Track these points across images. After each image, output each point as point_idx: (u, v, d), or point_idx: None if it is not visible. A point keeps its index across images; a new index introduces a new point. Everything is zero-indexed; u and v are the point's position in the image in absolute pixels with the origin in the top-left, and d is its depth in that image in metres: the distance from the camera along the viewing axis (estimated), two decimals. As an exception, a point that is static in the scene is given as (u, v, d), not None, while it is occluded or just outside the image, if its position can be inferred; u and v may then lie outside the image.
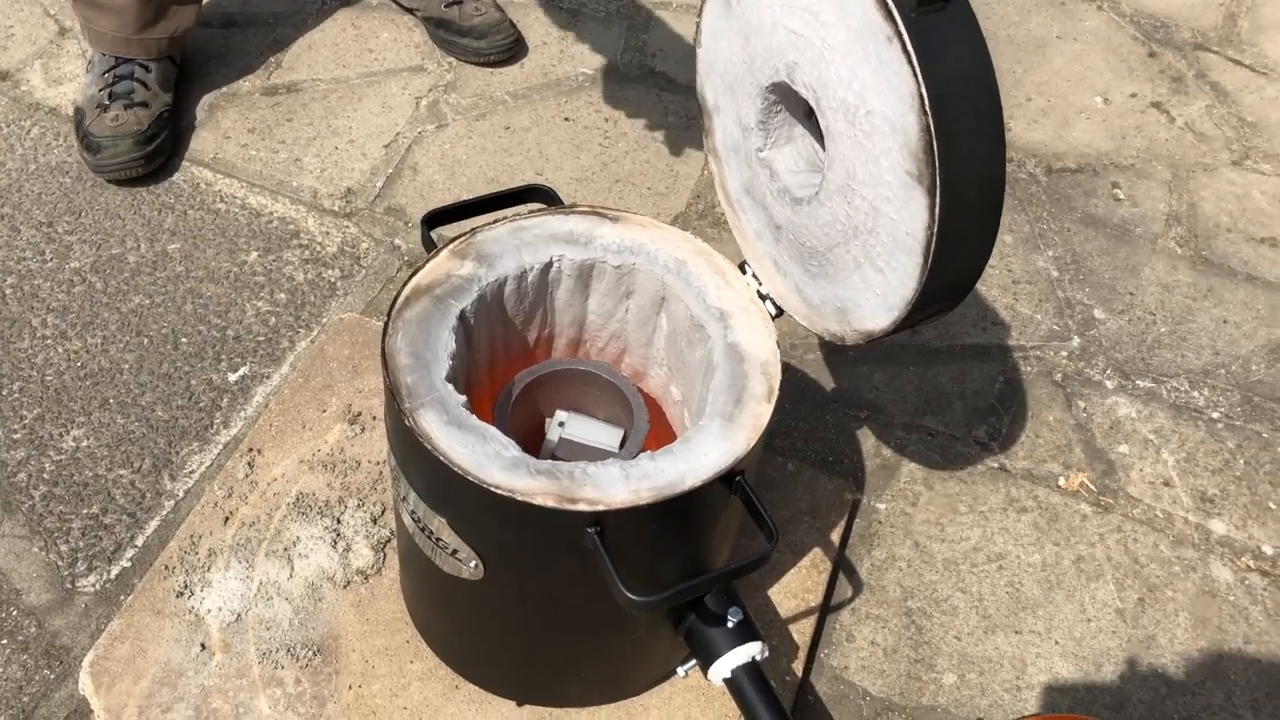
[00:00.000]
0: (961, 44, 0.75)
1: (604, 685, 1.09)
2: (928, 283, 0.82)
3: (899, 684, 1.20)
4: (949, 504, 1.36)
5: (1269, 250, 1.72)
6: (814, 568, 1.24)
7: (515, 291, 1.00)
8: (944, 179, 0.76)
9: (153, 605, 1.15)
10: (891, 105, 0.77)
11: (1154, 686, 1.22)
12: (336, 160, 1.70)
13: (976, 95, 0.76)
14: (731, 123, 1.01)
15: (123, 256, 1.54)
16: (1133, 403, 1.49)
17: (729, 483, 0.87)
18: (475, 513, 0.87)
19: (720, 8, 0.96)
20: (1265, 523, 1.38)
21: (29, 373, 1.40)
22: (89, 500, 1.28)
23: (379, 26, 1.95)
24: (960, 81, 0.75)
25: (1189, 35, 2.11)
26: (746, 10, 0.92)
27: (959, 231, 0.79)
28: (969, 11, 0.76)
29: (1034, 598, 1.28)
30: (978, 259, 0.84)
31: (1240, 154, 1.88)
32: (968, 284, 0.87)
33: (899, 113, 0.77)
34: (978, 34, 0.76)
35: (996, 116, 0.76)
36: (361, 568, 1.19)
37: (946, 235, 0.79)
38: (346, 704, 1.09)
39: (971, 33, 0.76)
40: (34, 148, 1.68)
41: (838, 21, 0.81)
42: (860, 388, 1.47)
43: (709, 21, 0.98)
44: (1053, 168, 1.82)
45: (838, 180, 0.86)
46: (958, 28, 0.75)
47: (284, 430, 1.31)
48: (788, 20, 0.87)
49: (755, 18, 0.91)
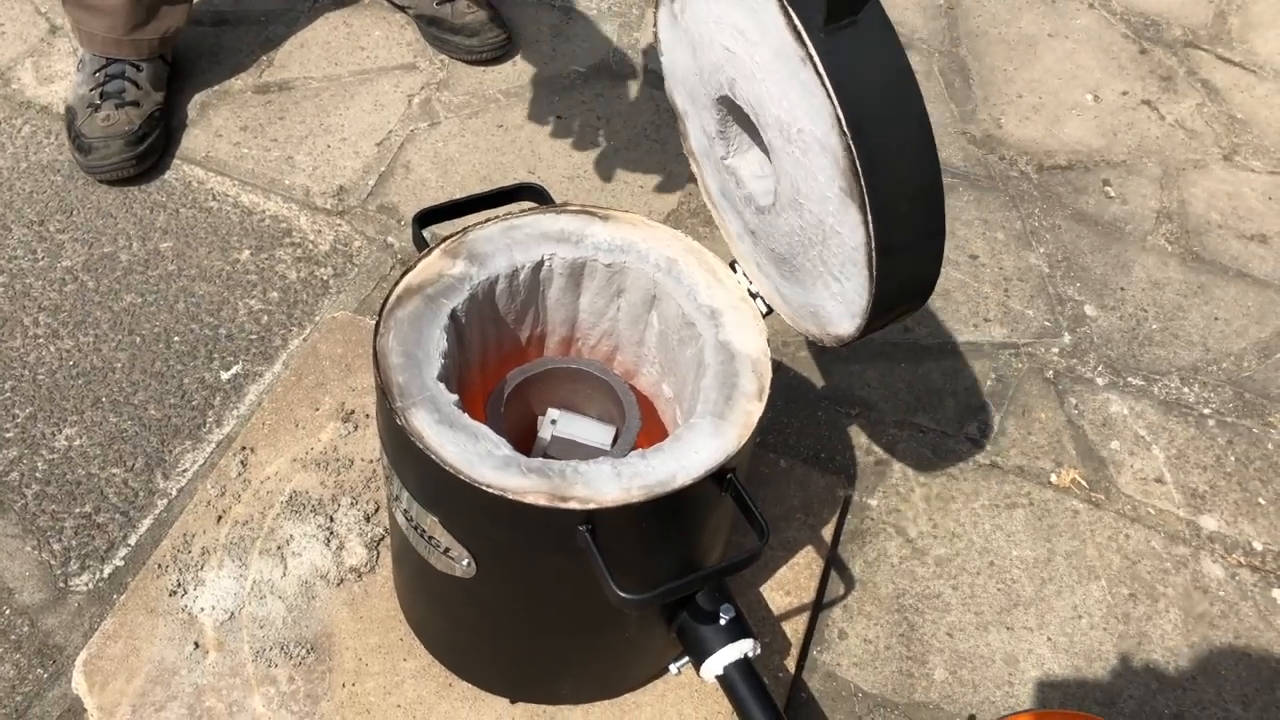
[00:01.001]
0: (877, 58, 0.74)
1: (597, 683, 1.10)
2: (879, 293, 0.82)
3: (891, 681, 1.20)
4: (941, 501, 1.36)
5: (1259, 247, 1.72)
6: (806, 565, 1.24)
7: (507, 290, 1.00)
8: (873, 195, 0.76)
9: (146, 604, 1.15)
10: (817, 124, 0.77)
11: (1145, 682, 1.23)
12: (329, 158, 1.70)
13: (898, 109, 0.74)
14: (698, 129, 1.01)
15: (115, 255, 1.54)
16: (1124, 399, 1.50)
17: (720, 480, 0.87)
18: (467, 511, 0.87)
19: (668, 19, 0.96)
20: (1256, 519, 1.38)
21: (21, 371, 1.39)
22: (82, 499, 1.28)
23: (371, 24, 1.94)
24: (879, 98, 0.74)
25: (1179, 33, 2.12)
26: (690, 24, 0.92)
27: (898, 244, 0.79)
28: (882, 22, 0.74)
29: (1026, 594, 1.28)
30: (926, 266, 0.84)
31: (1230, 151, 1.88)
32: (924, 289, 0.86)
33: (824, 131, 0.76)
34: (894, 46, 0.74)
35: (922, 128, 0.75)
36: (355, 566, 1.19)
37: (886, 249, 0.79)
38: (340, 702, 1.10)
39: (887, 46, 0.74)
40: (25, 146, 1.68)
41: (761, 40, 0.80)
42: (852, 385, 1.48)
43: (662, 33, 0.98)
44: (1044, 165, 1.83)
45: (787, 194, 0.86)
46: (871, 42, 0.74)
47: (277, 429, 1.31)
48: (721, 37, 0.87)
49: (697, 32, 0.91)
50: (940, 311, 1.58)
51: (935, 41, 2.04)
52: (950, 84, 1.96)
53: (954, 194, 1.75)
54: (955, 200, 1.74)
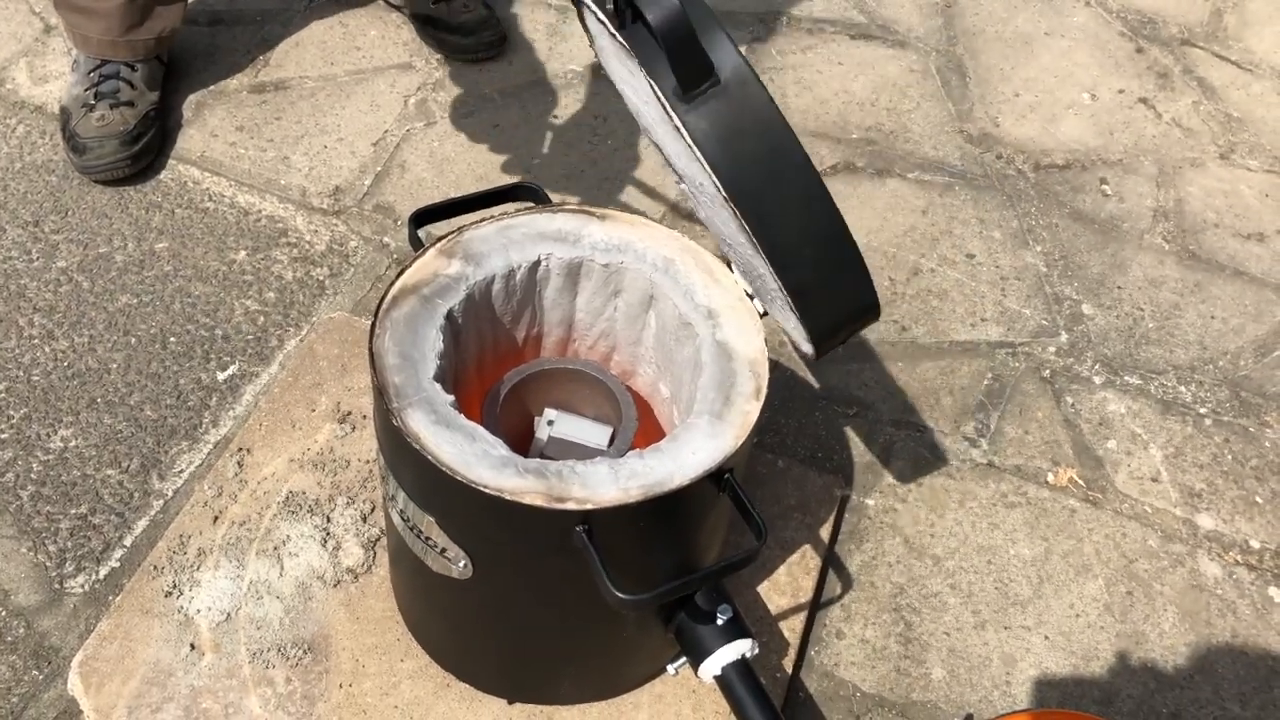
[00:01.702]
0: (746, 117, 0.73)
1: (594, 683, 1.10)
2: (812, 326, 0.83)
3: (889, 680, 1.20)
4: (938, 500, 1.36)
5: (1255, 246, 1.72)
6: (804, 564, 1.24)
7: (503, 290, 1.00)
8: (769, 247, 0.76)
9: (142, 605, 1.15)
10: (707, 182, 0.77)
11: (1142, 681, 1.23)
12: (325, 158, 1.70)
13: (776, 163, 0.74)
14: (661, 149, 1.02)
15: (110, 255, 1.53)
16: (1121, 398, 1.50)
17: (718, 481, 0.87)
18: (464, 512, 0.87)
19: (601, 57, 0.96)
20: (1252, 517, 1.38)
21: (16, 372, 1.39)
22: (77, 500, 1.28)
23: (367, 24, 1.94)
24: (754, 153, 0.74)
25: (1176, 31, 2.12)
26: (609, 67, 0.93)
27: (810, 284, 0.79)
28: (747, 80, 0.73)
29: (1023, 593, 1.28)
30: (855, 295, 0.82)
31: (1226, 149, 1.89)
32: (864, 311, 0.85)
33: (713, 190, 0.76)
34: (763, 102, 0.73)
35: (805, 175, 0.74)
36: (351, 566, 1.19)
37: (799, 291, 0.79)
38: (337, 703, 1.09)
39: (754, 104, 0.73)
40: (20, 146, 1.67)
41: (649, 99, 0.80)
42: (849, 384, 1.48)
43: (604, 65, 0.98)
44: (1040, 164, 1.83)
45: (721, 235, 0.87)
46: (738, 102, 0.73)
47: (273, 429, 1.30)
48: (625, 89, 0.86)
49: (614, 76, 0.91)
50: (937, 311, 1.58)
51: (932, 40, 2.04)
52: (947, 82, 1.96)
53: (950, 193, 1.75)
54: (952, 199, 1.74)
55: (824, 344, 0.87)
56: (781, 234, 0.77)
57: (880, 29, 2.06)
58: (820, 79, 1.94)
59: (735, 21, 2.03)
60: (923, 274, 1.62)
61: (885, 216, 1.70)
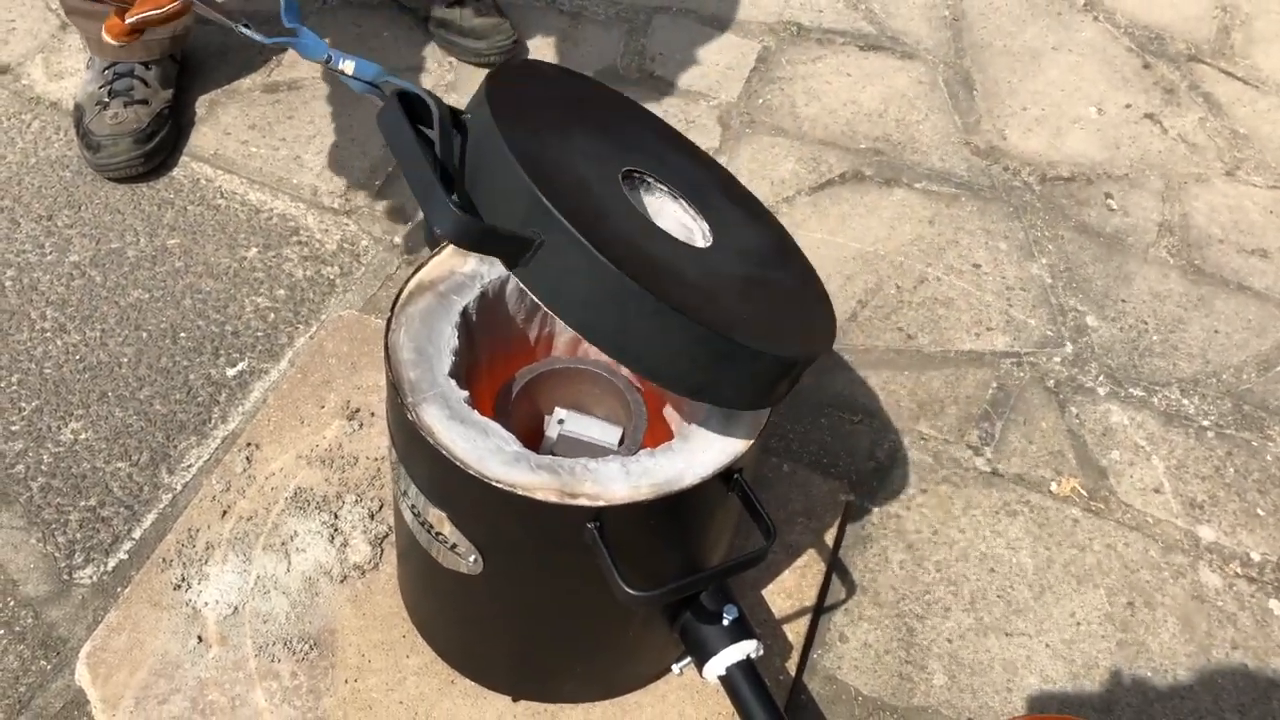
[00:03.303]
0: (576, 268, 0.74)
1: (599, 682, 1.10)
2: (735, 404, 0.83)
3: (891, 685, 1.21)
4: (942, 507, 1.37)
5: (1260, 261, 1.73)
6: (808, 568, 1.25)
7: (517, 289, 1.01)
8: (643, 369, 0.78)
9: (150, 597, 1.16)
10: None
11: (1143, 690, 1.23)
12: (337, 158, 1.71)
13: (616, 303, 0.74)
14: None
15: (122, 251, 1.54)
16: (1124, 410, 1.51)
17: (727, 480, 0.88)
18: (476, 507, 0.87)
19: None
20: (1254, 530, 1.39)
21: (28, 365, 1.40)
22: (87, 493, 1.29)
23: (380, 26, 1.95)
24: (592, 297, 0.75)
25: (1183, 47, 2.13)
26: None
27: (706, 381, 0.79)
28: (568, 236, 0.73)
29: (1025, 601, 1.29)
30: (763, 370, 0.81)
31: (1232, 165, 1.90)
32: (786, 373, 0.84)
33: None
34: (587, 254, 0.73)
35: (646, 305, 0.74)
36: (359, 563, 1.20)
37: (697, 390, 0.80)
38: (343, 697, 1.10)
39: (577, 253, 0.73)
40: (34, 141, 1.68)
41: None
42: (855, 392, 1.49)
43: None
44: (1047, 176, 1.84)
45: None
46: (562, 253, 0.74)
47: (282, 425, 1.31)
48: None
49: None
50: (943, 319, 1.58)
51: (940, 53, 2.06)
52: (955, 95, 1.97)
53: (957, 204, 1.77)
54: (959, 210, 1.76)
55: (761, 405, 0.86)
56: (646, 358, 0.78)
57: (889, 41, 2.07)
58: (829, 89, 1.95)
59: (745, 31, 2.05)
60: (929, 283, 1.63)
61: (892, 226, 1.71)
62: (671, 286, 0.77)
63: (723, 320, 0.78)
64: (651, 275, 0.76)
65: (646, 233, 0.82)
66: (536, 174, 0.75)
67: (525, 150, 0.77)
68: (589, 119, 0.91)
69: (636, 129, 0.97)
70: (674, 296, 0.75)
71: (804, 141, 1.84)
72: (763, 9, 2.10)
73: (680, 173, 0.95)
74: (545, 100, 0.89)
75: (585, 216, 0.75)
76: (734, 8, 2.10)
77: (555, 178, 0.77)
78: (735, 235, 0.92)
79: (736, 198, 0.99)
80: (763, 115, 1.88)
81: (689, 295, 0.78)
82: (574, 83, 0.96)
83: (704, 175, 0.98)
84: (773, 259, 0.94)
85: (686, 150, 1.00)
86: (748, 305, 0.84)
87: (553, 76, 0.95)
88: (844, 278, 1.63)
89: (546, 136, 0.83)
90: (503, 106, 0.80)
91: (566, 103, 0.91)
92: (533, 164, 0.76)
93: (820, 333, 0.88)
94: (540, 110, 0.86)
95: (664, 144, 0.98)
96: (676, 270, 0.80)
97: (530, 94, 0.88)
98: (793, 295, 0.91)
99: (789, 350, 0.81)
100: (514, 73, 0.89)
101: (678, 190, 0.92)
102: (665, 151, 0.96)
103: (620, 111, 0.97)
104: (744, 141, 1.83)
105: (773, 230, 0.98)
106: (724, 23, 2.06)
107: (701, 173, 0.98)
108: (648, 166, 0.91)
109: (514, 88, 0.85)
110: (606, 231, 0.76)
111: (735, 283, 0.85)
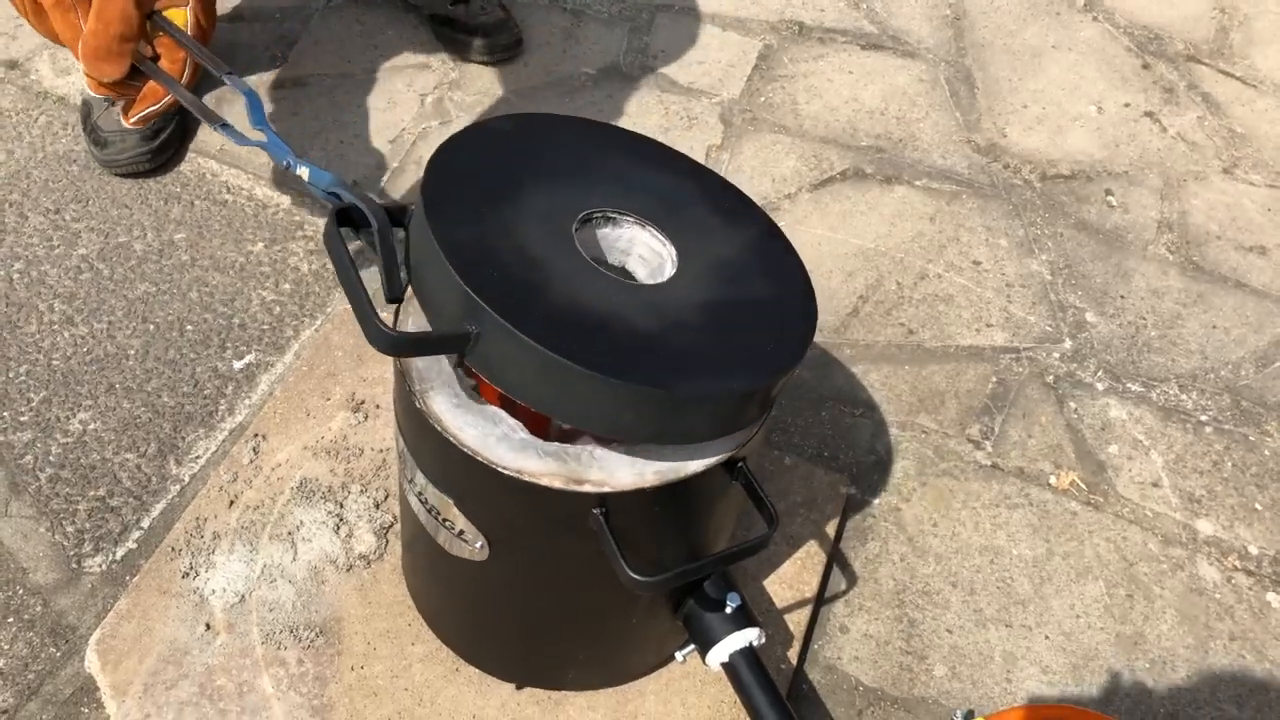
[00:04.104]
0: (511, 354, 0.78)
1: (602, 669, 1.11)
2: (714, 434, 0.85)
3: (891, 675, 1.22)
4: (942, 500, 1.38)
5: (1257, 258, 1.75)
6: (809, 559, 1.26)
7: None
8: (601, 430, 0.81)
9: (159, 585, 1.17)
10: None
11: (1141, 681, 1.24)
12: (342, 154, 1.72)
13: (554, 378, 0.77)
14: None
15: (129, 245, 1.56)
16: (1123, 404, 1.52)
17: (731, 469, 0.89)
18: (483, 493, 0.89)
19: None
20: (1251, 524, 1.40)
21: (36, 356, 1.41)
22: (95, 483, 1.30)
23: (384, 24, 1.97)
24: (537, 378, 0.78)
25: (1182, 47, 2.15)
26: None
27: (668, 428, 0.81)
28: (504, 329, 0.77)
29: (1025, 593, 1.30)
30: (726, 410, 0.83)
31: (1230, 164, 1.91)
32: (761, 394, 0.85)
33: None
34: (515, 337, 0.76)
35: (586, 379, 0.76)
36: (364, 552, 1.21)
37: (660, 436, 0.82)
38: (349, 684, 1.11)
39: (511, 340, 0.77)
40: (42, 136, 1.69)
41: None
42: (856, 386, 1.50)
43: None
44: (1047, 174, 1.85)
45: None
46: (500, 339, 0.77)
47: (288, 417, 1.33)
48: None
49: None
50: (944, 315, 1.60)
51: (941, 51, 2.07)
52: (956, 93, 1.98)
53: (958, 201, 1.78)
54: (959, 207, 1.77)
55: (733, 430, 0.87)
56: (596, 421, 0.80)
57: (891, 39, 2.08)
58: (831, 87, 1.96)
59: (747, 30, 2.06)
60: (930, 279, 1.65)
61: (893, 223, 1.73)
62: (608, 346, 0.78)
63: (666, 368, 0.79)
64: (586, 341, 0.78)
65: (591, 287, 0.83)
66: (468, 267, 0.78)
67: (458, 241, 0.80)
68: (547, 169, 0.92)
69: (609, 159, 0.96)
70: (607, 361, 0.77)
71: (805, 139, 1.85)
72: (765, 7, 2.12)
73: (654, 195, 0.94)
74: (495, 165, 0.90)
75: (518, 298, 0.78)
76: (736, 6, 2.11)
77: (490, 263, 0.80)
78: (710, 251, 0.91)
79: (721, 206, 0.97)
80: (765, 113, 1.90)
81: (628, 350, 0.79)
82: (536, 130, 0.96)
83: (686, 189, 0.97)
84: (748, 268, 0.92)
85: (670, 165, 0.99)
86: (702, 338, 0.84)
87: (508, 131, 0.95)
88: (845, 274, 1.64)
89: (489, 211, 0.85)
90: (438, 198, 0.83)
91: (523, 157, 0.92)
92: (465, 257, 0.79)
93: (793, 342, 0.87)
94: (488, 178, 0.88)
95: (641, 166, 0.97)
96: (621, 320, 0.81)
97: (479, 162, 0.89)
98: (764, 307, 0.89)
99: (742, 381, 0.81)
100: (461, 143, 0.90)
101: (646, 218, 0.91)
102: (641, 174, 0.96)
103: (592, 144, 0.97)
104: (746, 139, 1.84)
105: (757, 233, 0.96)
106: (726, 21, 2.08)
107: (683, 187, 0.97)
108: (613, 200, 0.91)
109: (459, 163, 0.88)
110: (541, 305, 0.79)
111: (693, 313, 0.85)
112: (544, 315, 0.78)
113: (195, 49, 1.10)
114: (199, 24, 1.12)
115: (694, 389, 0.79)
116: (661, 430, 0.81)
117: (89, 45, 1.09)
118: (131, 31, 1.09)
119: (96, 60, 1.10)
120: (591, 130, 1.00)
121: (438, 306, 0.82)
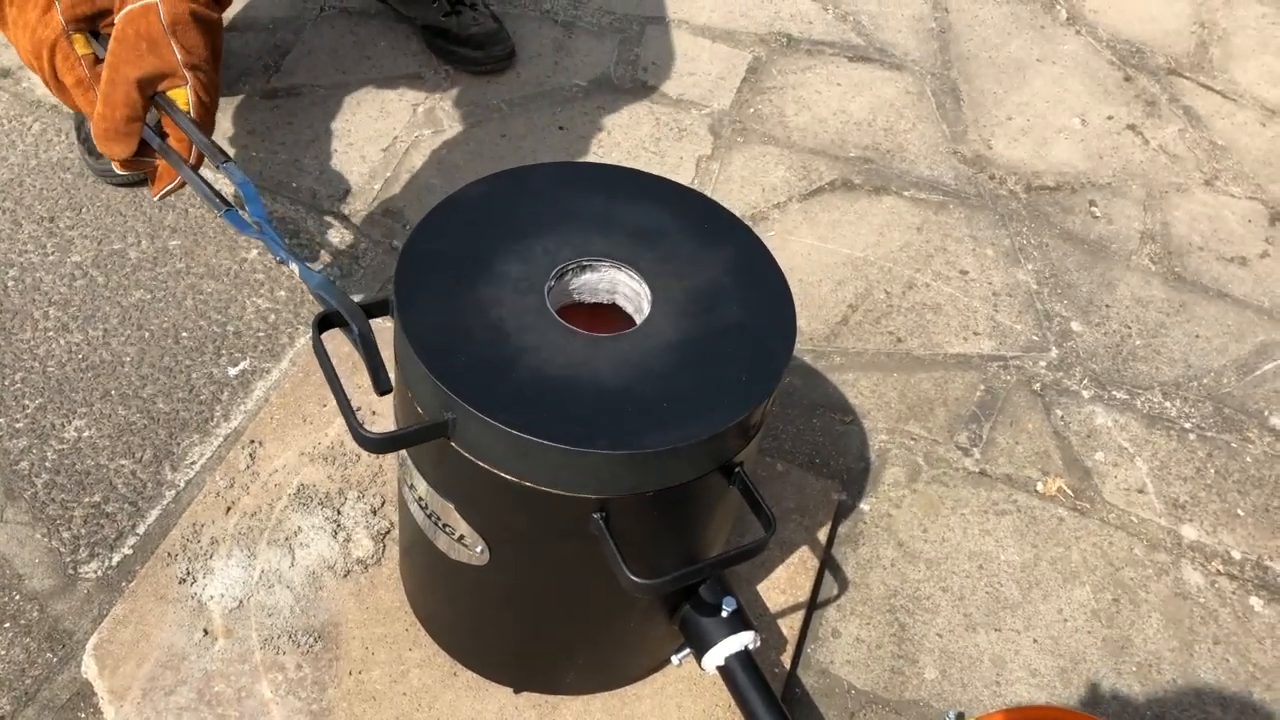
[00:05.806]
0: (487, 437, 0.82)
1: (600, 673, 1.13)
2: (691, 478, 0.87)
3: (883, 678, 1.24)
4: (931, 506, 1.40)
5: (1238, 269, 1.78)
6: (802, 565, 1.28)
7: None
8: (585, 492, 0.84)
9: (156, 590, 1.17)
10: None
11: (1127, 684, 1.27)
12: (335, 163, 1.73)
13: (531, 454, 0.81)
14: None
15: (124, 252, 1.56)
16: (1108, 412, 1.54)
17: (728, 474, 0.90)
18: (484, 497, 0.90)
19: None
20: (1234, 529, 1.43)
21: (30, 363, 1.41)
22: (91, 489, 1.30)
23: (377, 34, 1.98)
24: (516, 455, 0.83)
25: (1163, 61, 2.18)
26: None
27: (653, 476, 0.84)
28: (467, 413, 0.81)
29: (1013, 597, 1.32)
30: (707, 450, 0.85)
31: (1211, 176, 1.94)
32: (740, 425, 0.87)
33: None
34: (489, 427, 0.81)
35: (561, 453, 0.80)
36: (362, 558, 1.22)
37: (643, 485, 0.85)
38: (347, 689, 1.12)
39: (483, 429, 0.81)
40: (35, 144, 1.70)
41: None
42: (846, 393, 1.52)
43: None
44: (1032, 185, 1.88)
45: None
46: (476, 428, 0.82)
47: (285, 423, 1.33)
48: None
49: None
50: (931, 324, 1.62)
51: (927, 64, 2.10)
52: (942, 105, 2.01)
53: (945, 211, 1.80)
54: (946, 217, 1.79)
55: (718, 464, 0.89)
56: (579, 486, 0.84)
57: (878, 52, 2.11)
58: (819, 99, 1.99)
59: (737, 42, 2.08)
60: (917, 288, 1.67)
61: (881, 232, 1.75)
62: (576, 415, 0.81)
63: (630, 429, 0.81)
64: (554, 412, 0.81)
65: (564, 351, 0.86)
66: (437, 358, 0.83)
67: (428, 330, 0.85)
68: (521, 228, 0.94)
69: (586, 202, 0.98)
70: (574, 431, 0.80)
71: (794, 150, 1.88)
72: (754, 20, 2.14)
73: (631, 233, 0.95)
74: (468, 238, 0.93)
75: (487, 381, 0.82)
76: (725, 19, 2.13)
77: (459, 348, 0.84)
78: (685, 283, 0.92)
79: (701, 229, 0.98)
80: (754, 124, 1.92)
81: (594, 414, 0.82)
82: (509, 189, 0.98)
83: (665, 217, 0.98)
84: (725, 294, 0.92)
85: (649, 194, 1.00)
86: (671, 384, 0.85)
87: (480, 197, 0.97)
88: (834, 283, 1.66)
89: (462, 289, 0.88)
90: (409, 288, 0.88)
91: (497, 221, 0.95)
92: (434, 347, 0.83)
93: (769, 367, 0.88)
94: (461, 252, 0.91)
95: (620, 202, 0.98)
96: (590, 381, 0.84)
97: (452, 238, 0.92)
98: (742, 332, 0.90)
99: (710, 424, 0.83)
100: (433, 223, 0.93)
101: (620, 260, 0.93)
102: (621, 211, 0.97)
103: (569, 189, 0.99)
104: (735, 150, 1.86)
105: (736, 253, 0.96)
106: (715, 33, 2.10)
107: (662, 216, 0.98)
108: (590, 247, 0.93)
109: (431, 246, 0.91)
110: (511, 382, 0.82)
111: (664, 356, 0.87)
112: (513, 392, 0.82)
113: (194, 134, 1.14)
114: (200, 101, 1.17)
115: (660, 441, 0.81)
116: (644, 480, 0.84)
117: (99, 127, 1.16)
118: (136, 113, 1.14)
119: (107, 140, 1.16)
120: (567, 173, 1.02)
121: (419, 395, 0.86)
